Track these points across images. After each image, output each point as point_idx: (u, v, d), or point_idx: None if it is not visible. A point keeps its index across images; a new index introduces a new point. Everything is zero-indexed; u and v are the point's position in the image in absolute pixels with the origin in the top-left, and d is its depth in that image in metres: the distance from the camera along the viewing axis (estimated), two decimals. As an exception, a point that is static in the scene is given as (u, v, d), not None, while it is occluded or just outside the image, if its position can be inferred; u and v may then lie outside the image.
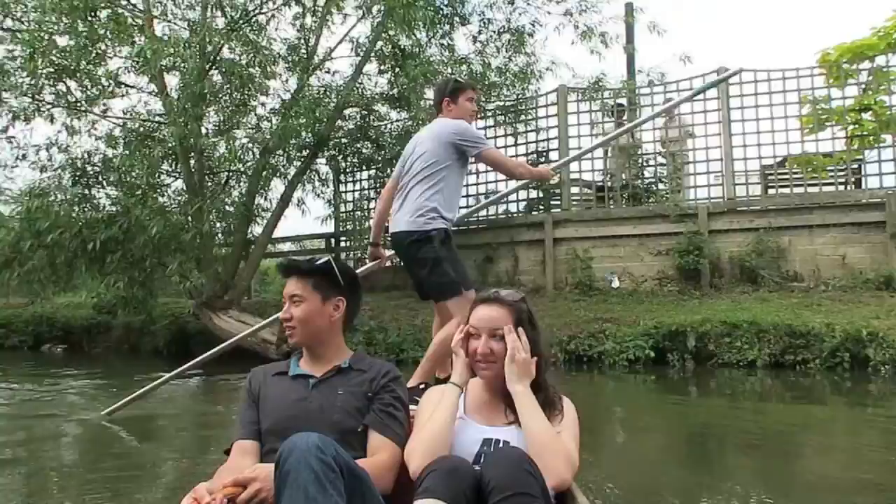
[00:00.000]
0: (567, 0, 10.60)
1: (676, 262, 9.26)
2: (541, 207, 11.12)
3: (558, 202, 10.68)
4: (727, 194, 9.74)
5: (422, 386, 3.43)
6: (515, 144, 11.27)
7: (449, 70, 10.20)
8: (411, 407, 2.11)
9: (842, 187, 9.73)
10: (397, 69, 9.92)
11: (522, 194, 11.18)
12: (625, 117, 10.61)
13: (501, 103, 11.02)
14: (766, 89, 9.73)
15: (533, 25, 10.78)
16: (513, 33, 10.73)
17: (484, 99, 10.45)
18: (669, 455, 4.55)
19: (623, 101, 10.81)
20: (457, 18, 10.77)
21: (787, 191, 10.04)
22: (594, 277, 9.64)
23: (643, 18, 10.97)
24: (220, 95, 9.52)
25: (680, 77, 10.26)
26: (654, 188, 10.87)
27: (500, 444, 1.88)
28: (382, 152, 10.98)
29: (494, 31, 10.87)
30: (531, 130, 11.17)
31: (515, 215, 11.13)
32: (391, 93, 10.39)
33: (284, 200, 10.24)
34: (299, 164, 10.35)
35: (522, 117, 11.15)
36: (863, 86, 9.78)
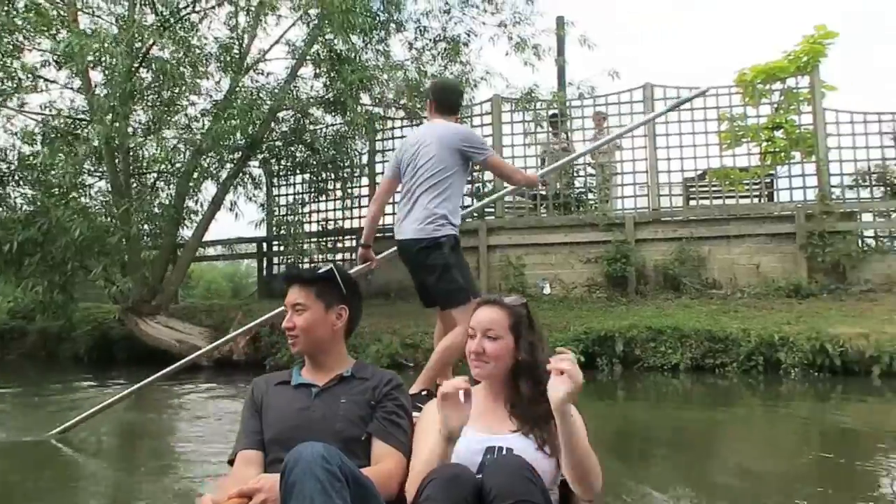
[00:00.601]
0: (501, 12, 10.84)
1: (605, 269, 9.60)
2: (474, 215, 11.28)
3: (492, 210, 10.87)
4: (652, 205, 10.18)
5: (424, 393, 3.41)
6: (450, 152, 11.40)
7: (385, 76, 10.27)
8: (414, 414, 2.12)
9: (756, 200, 10.33)
10: (333, 73, 9.88)
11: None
12: (560, 128, 10.94)
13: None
14: (689, 106, 10.23)
15: (468, 35, 10.94)
16: (448, 42, 10.85)
17: (419, 106, 10.56)
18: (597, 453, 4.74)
19: (557, 112, 11.13)
20: (392, 25, 10.83)
21: (707, 202, 10.59)
22: (527, 284, 9.87)
23: (574, 32, 11.30)
24: (148, 94, 9.25)
25: (609, 91, 10.66)
26: (585, 198, 11.23)
27: (504, 451, 1.87)
28: (317, 156, 10.90)
29: (430, 40, 10.98)
30: (466, 139, 11.32)
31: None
32: (327, 97, 10.33)
33: (216, 203, 10.01)
34: (232, 166, 10.14)
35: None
36: (775, 105, 10.42)
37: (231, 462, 2.05)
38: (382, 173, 11.78)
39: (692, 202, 10.57)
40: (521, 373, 1.98)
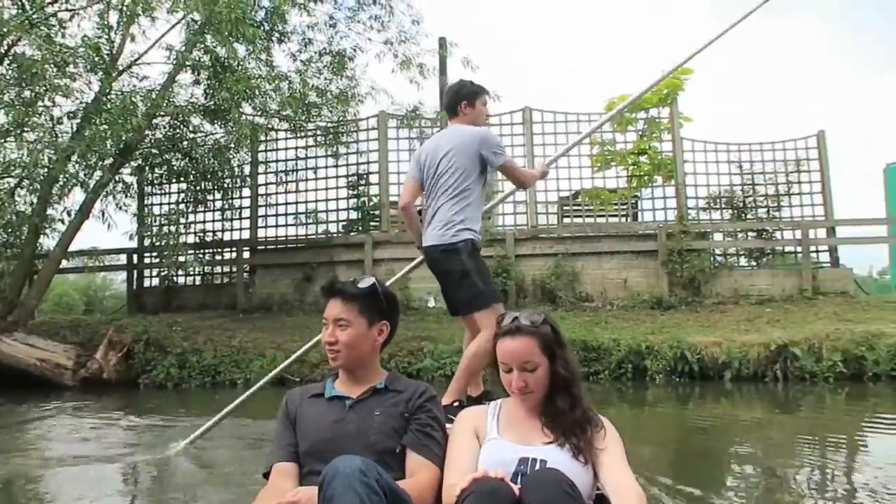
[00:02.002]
0: (388, 29, 11.01)
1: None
2: (359, 228, 11.33)
3: (377, 224, 10.97)
4: (531, 222, 10.71)
5: (455, 404, 3.34)
6: (336, 166, 11.40)
7: (268, 86, 10.12)
8: (447, 425, 2.11)
9: (624, 219, 11.15)
10: (214, 81, 9.61)
11: (342, 215, 11.35)
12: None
13: (323, 124, 11.09)
14: (564, 129, 10.91)
15: (354, 50, 11.03)
16: (334, 56, 10.87)
17: (303, 118, 10.50)
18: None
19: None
20: (276, 35, 10.71)
21: (580, 220, 11.28)
22: (412, 297, 10.04)
23: (458, 53, 11.70)
24: (5, 93, 8.55)
25: (490, 112, 11.08)
26: (467, 214, 11.58)
27: (538, 464, 1.84)
28: (196, 165, 10.52)
29: (316, 52, 10.95)
30: (352, 153, 11.37)
31: (335, 235, 11.22)
32: (208, 105, 10.01)
33: (83, 212, 9.38)
34: (102, 173, 9.56)
35: (343, 139, 11.31)
36: (640, 132, 11.32)
37: (266, 475, 2.02)
38: (265, 184, 11.68)
39: (566, 220, 11.22)
40: (558, 388, 1.96)
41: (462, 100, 3.85)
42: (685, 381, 7.61)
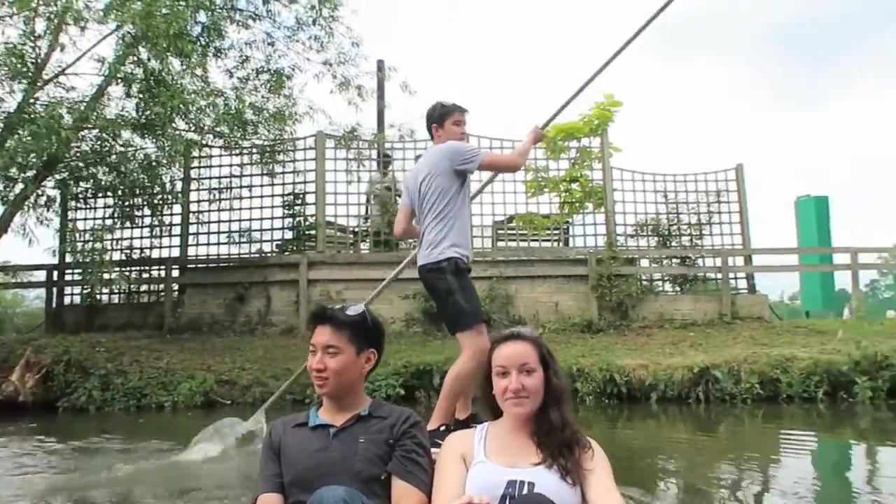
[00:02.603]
0: (327, 50, 11.04)
1: (422, 305, 10.03)
2: (293, 247, 11.20)
3: (313, 244, 10.89)
4: (466, 245, 10.85)
5: (442, 428, 3.30)
6: (272, 185, 11.27)
7: (203, 101, 9.97)
8: (433, 450, 2.10)
9: (556, 244, 11.46)
10: (147, 95, 9.39)
11: (277, 235, 11.21)
12: (391, 167, 11.35)
13: (259, 142, 10.96)
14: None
15: (293, 69, 11.00)
16: (272, 74, 10.81)
17: (239, 135, 10.37)
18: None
19: (388, 151, 11.50)
20: (213, 50, 10.57)
21: (514, 244, 11.52)
22: (346, 319, 9.98)
23: (397, 77, 11.82)
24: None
25: (428, 137, 11.24)
26: (405, 236, 11.63)
27: (526, 486, 1.84)
28: (125, 180, 10.19)
29: (253, 70, 10.87)
30: (288, 172, 11.28)
31: (269, 255, 11.06)
32: (139, 119, 9.75)
33: (2, 227, 8.94)
34: (25, 185, 9.14)
35: (280, 158, 11.21)
36: (572, 161, 11.70)
37: None
38: (197, 201, 11.41)
39: (500, 244, 11.44)
40: (552, 401, 1.99)
41: (433, 123, 3.95)
42: (614, 402, 7.85)
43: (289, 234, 11.26)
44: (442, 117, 3.92)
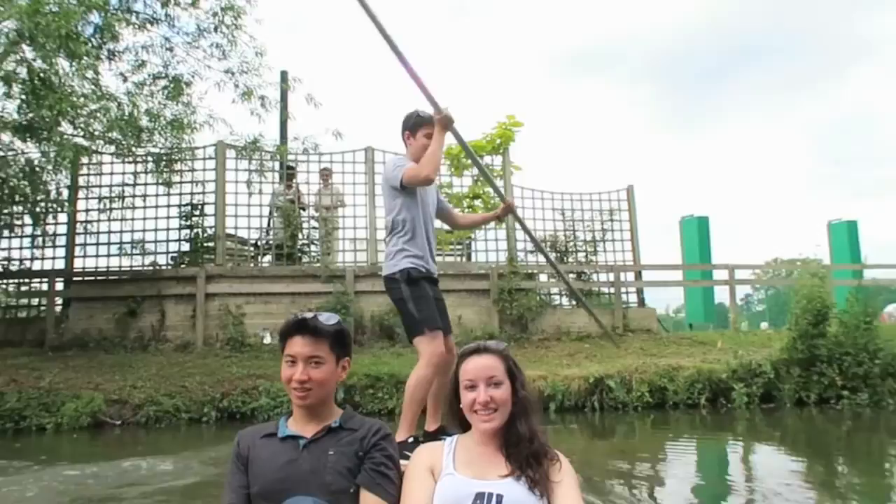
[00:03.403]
0: (229, 59, 10.79)
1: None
2: (190, 260, 10.80)
3: (211, 257, 10.55)
4: (371, 259, 10.87)
5: (410, 440, 3.26)
6: (168, 194, 10.84)
7: (94, 106, 9.50)
8: (402, 462, 2.09)
9: (460, 259, 11.67)
10: (31, 96, 8.82)
11: (173, 247, 10.78)
12: (295, 179, 11.17)
13: (155, 150, 10.53)
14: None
15: (193, 77, 10.66)
16: (170, 80, 10.44)
17: (133, 142, 9.94)
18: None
19: (293, 163, 11.31)
20: (106, 52, 10.09)
21: (417, 259, 11.62)
22: (246, 333, 9.74)
23: (301, 89, 11.68)
24: None
25: (334, 149, 11.23)
26: (308, 249, 11.49)
27: (494, 498, 1.86)
28: (3, 186, 9.50)
29: (150, 75, 10.46)
30: (186, 182, 10.89)
31: (164, 268, 10.60)
32: (21, 121, 9.14)
33: None
34: None
35: (177, 167, 10.81)
36: (475, 178, 11.98)
37: None
38: (85, 210, 10.78)
39: (405, 258, 11.51)
40: (520, 413, 2.00)
41: (405, 129, 3.82)
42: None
43: (186, 247, 10.83)
44: (416, 126, 3.80)
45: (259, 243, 11.17)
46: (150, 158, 10.59)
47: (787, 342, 8.33)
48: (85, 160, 10.31)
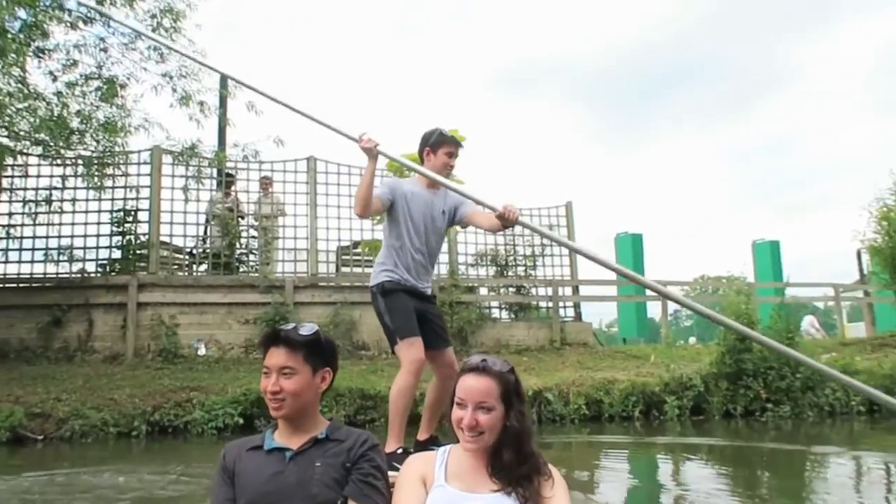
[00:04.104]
0: (167, 62, 10.52)
1: (263, 330, 9.70)
2: (121, 268, 10.40)
3: (144, 265, 10.20)
4: (311, 270, 10.73)
5: (399, 451, 3.24)
6: (99, 199, 10.42)
7: (19, 105, 9.09)
8: (391, 473, 2.08)
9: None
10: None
11: (103, 254, 10.35)
12: (234, 187, 10.92)
13: (86, 153, 10.13)
14: (347, 181, 11.22)
15: (128, 79, 10.34)
16: (104, 81, 10.08)
17: (62, 144, 9.55)
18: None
19: (232, 171, 11.06)
20: (33, 50, 9.67)
21: (359, 270, 11.56)
22: (180, 345, 9.44)
23: (242, 95, 11.46)
24: None
25: (274, 158, 11.08)
26: (247, 259, 11.25)
27: None
28: None
29: (82, 75, 10.07)
30: (119, 187, 10.50)
31: (93, 275, 10.17)
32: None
33: None
34: None
35: (110, 172, 10.42)
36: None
37: None
38: (8, 214, 10.27)
39: (346, 269, 11.43)
40: (507, 441, 1.95)
41: (426, 146, 3.85)
42: (444, 426, 8.09)
43: (117, 254, 10.43)
44: (437, 144, 3.85)
45: (195, 252, 10.88)
46: (80, 161, 10.18)
47: (716, 357, 8.66)
48: (9, 161, 9.82)
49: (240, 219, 11.13)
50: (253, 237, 11.31)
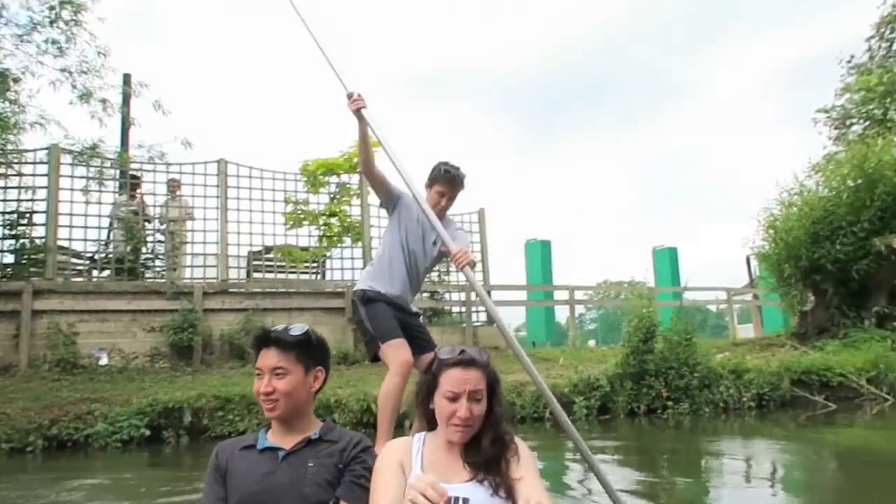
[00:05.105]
0: (66, 56, 10.04)
1: (170, 338, 9.40)
2: (14, 273, 9.76)
3: (40, 270, 9.61)
4: (221, 275, 10.45)
5: None
6: (-11, 200, 9.74)
7: None
8: None
9: (314, 277, 11.55)
10: None
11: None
12: (139, 190, 10.46)
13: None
14: (259, 185, 11.02)
15: (23, 73, 9.80)
16: (-6, 74, 9.51)
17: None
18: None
19: (137, 172, 10.59)
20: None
21: (271, 276, 11.36)
22: (79, 354, 8.96)
23: (148, 95, 11.07)
24: None
25: (183, 160, 10.73)
26: (153, 264, 10.81)
27: (460, 502, 1.88)
28: None
29: (-31, 67, 9.46)
30: (12, 187, 9.85)
31: (-18, 282, 9.49)
32: None
33: None
34: None
35: (2, 171, 9.77)
36: (332, 195, 11.96)
37: None
38: None
39: (257, 275, 11.21)
40: (490, 425, 2.01)
41: (427, 178, 3.99)
42: (370, 431, 8.08)
43: (9, 258, 9.79)
44: (432, 181, 3.97)
45: (96, 257, 10.35)
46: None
47: (621, 358, 9.08)
48: None
49: (145, 222, 10.69)
50: (160, 242, 10.88)
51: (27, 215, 9.88)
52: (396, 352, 3.74)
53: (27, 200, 9.89)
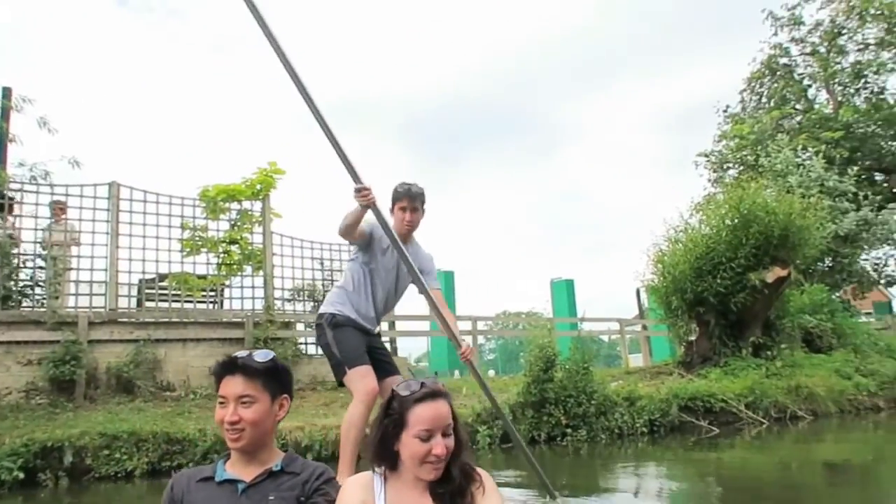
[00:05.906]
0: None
1: (50, 372, 8.72)
2: None
3: None
4: (110, 304, 9.85)
5: None
6: None
7: None
8: None
9: (211, 306, 11.10)
10: None
11: None
12: (15, 211, 9.70)
13: None
14: (155, 210, 10.53)
15: None
16: None
17: None
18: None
19: (15, 194, 9.82)
20: None
21: (165, 305, 10.81)
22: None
23: (32, 111, 10.40)
24: None
25: (71, 181, 10.11)
26: (31, 292, 10.02)
27: None
28: None
29: None
30: None
31: None
32: None
33: None
34: None
35: None
36: (232, 222, 11.60)
37: None
38: None
39: (150, 304, 10.64)
40: (456, 455, 1.95)
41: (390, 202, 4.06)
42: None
43: None
44: (393, 201, 4.00)
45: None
46: None
47: (523, 387, 9.28)
48: None
49: (22, 247, 9.92)
50: (40, 268, 10.12)
51: None
52: (363, 380, 3.70)
53: None
